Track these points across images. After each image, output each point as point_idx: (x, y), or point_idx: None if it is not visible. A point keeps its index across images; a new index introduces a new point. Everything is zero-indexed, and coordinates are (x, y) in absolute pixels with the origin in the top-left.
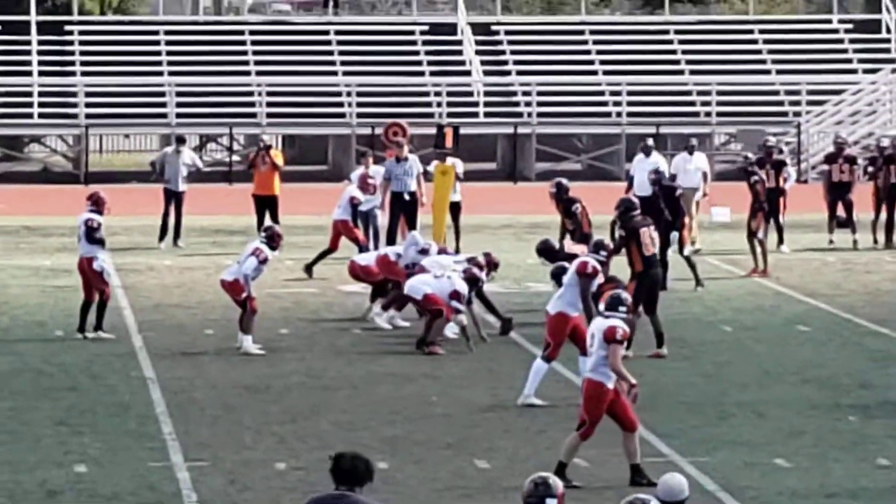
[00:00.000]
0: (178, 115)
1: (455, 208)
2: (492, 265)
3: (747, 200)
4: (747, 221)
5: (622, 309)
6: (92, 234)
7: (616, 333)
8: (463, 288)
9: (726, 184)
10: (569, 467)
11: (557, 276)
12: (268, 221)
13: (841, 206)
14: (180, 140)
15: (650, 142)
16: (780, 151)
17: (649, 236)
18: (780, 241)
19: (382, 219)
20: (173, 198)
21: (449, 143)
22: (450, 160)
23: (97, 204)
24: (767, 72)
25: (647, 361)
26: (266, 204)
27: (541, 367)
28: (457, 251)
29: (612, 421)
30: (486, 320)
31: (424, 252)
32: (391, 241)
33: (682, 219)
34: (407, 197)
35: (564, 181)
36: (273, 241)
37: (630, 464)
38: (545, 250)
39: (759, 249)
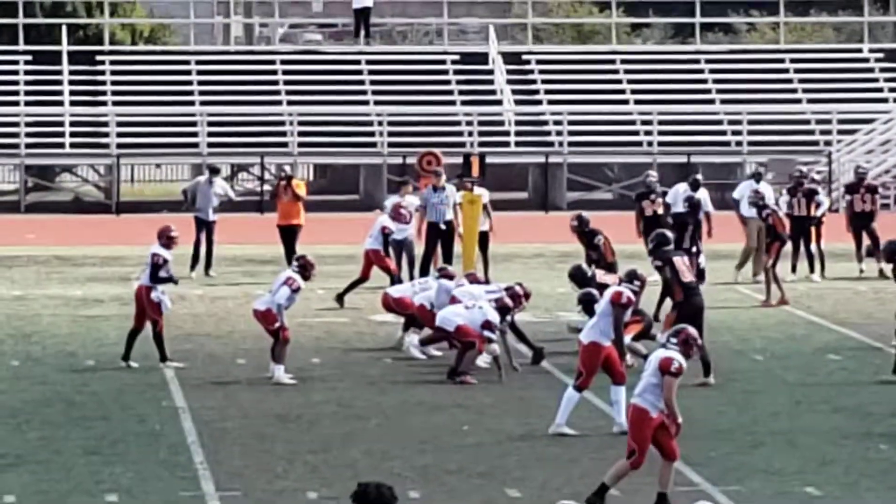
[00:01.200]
0: (210, 145)
1: (483, 238)
2: (524, 296)
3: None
4: (766, 252)
5: (672, 341)
6: (156, 272)
7: (671, 365)
8: (495, 317)
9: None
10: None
11: (585, 303)
12: (298, 251)
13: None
14: (213, 170)
15: (699, 176)
16: (814, 181)
17: (684, 263)
18: (812, 269)
19: (418, 248)
20: (204, 227)
21: (475, 171)
22: (477, 190)
23: (161, 238)
24: (798, 101)
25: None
26: (289, 233)
27: (572, 396)
28: (486, 281)
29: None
30: (518, 350)
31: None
32: (425, 270)
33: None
34: (443, 226)
35: (585, 214)
36: (305, 270)
37: (658, 491)
38: (577, 276)
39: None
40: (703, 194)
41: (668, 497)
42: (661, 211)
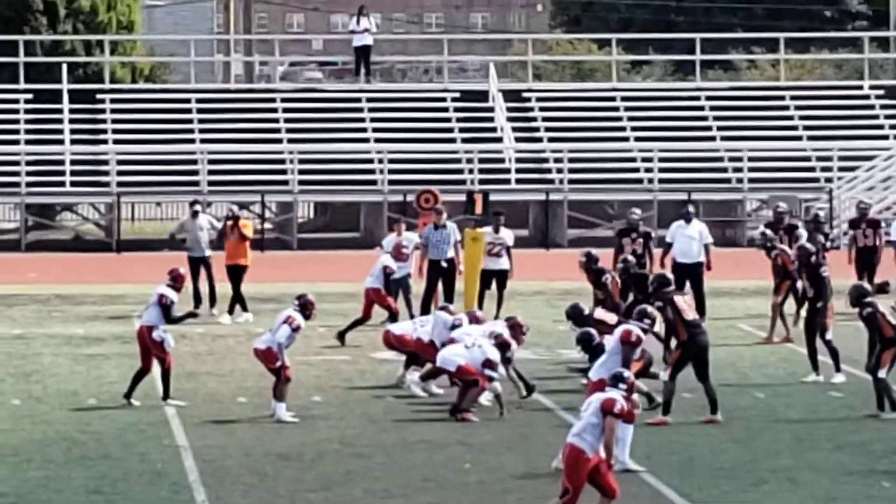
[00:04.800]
0: (210, 183)
1: (502, 278)
2: (520, 329)
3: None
4: (774, 291)
5: (622, 386)
6: (168, 313)
7: (615, 406)
8: (495, 355)
9: (757, 250)
10: None
11: (583, 342)
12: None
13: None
14: (195, 204)
15: (691, 208)
16: (817, 217)
17: (685, 302)
18: (799, 305)
19: (418, 286)
20: (200, 264)
21: (479, 209)
22: (503, 231)
23: (176, 280)
24: (799, 138)
25: (679, 427)
26: (234, 273)
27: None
28: (496, 318)
29: (635, 486)
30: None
31: (455, 327)
32: (426, 309)
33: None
34: (444, 264)
35: (594, 251)
36: (306, 309)
37: None
38: (574, 315)
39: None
40: (701, 227)
41: None
42: (640, 250)
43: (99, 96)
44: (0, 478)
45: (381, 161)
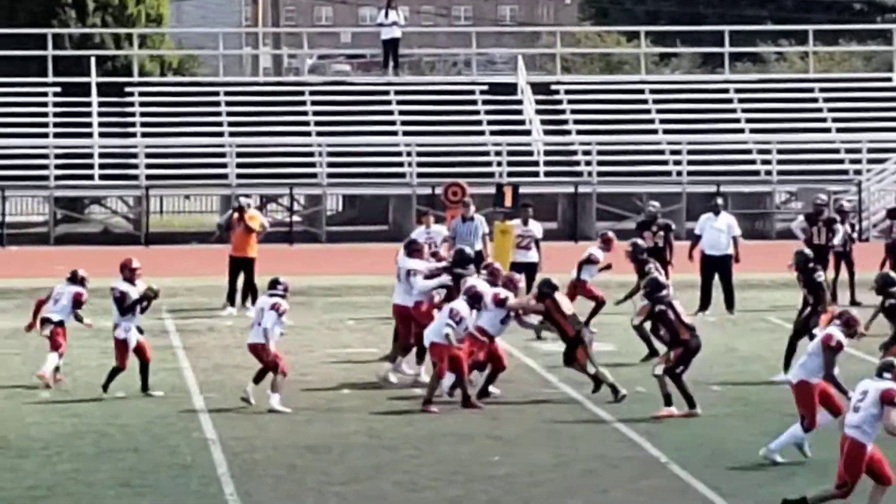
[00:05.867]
0: (239, 176)
1: (532, 270)
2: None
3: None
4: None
5: (886, 375)
6: (121, 307)
7: (895, 396)
8: (460, 306)
9: (785, 242)
10: None
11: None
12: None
13: None
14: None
15: (720, 200)
16: (842, 209)
17: (681, 305)
18: (834, 298)
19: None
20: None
21: (508, 201)
22: (531, 224)
23: (122, 270)
24: (828, 130)
25: (708, 420)
26: (240, 265)
27: (796, 431)
28: None
29: (665, 478)
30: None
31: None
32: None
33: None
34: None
35: (641, 242)
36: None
37: None
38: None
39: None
40: (729, 219)
41: None
42: (661, 243)
43: (127, 89)
44: (30, 470)
45: (409, 154)
